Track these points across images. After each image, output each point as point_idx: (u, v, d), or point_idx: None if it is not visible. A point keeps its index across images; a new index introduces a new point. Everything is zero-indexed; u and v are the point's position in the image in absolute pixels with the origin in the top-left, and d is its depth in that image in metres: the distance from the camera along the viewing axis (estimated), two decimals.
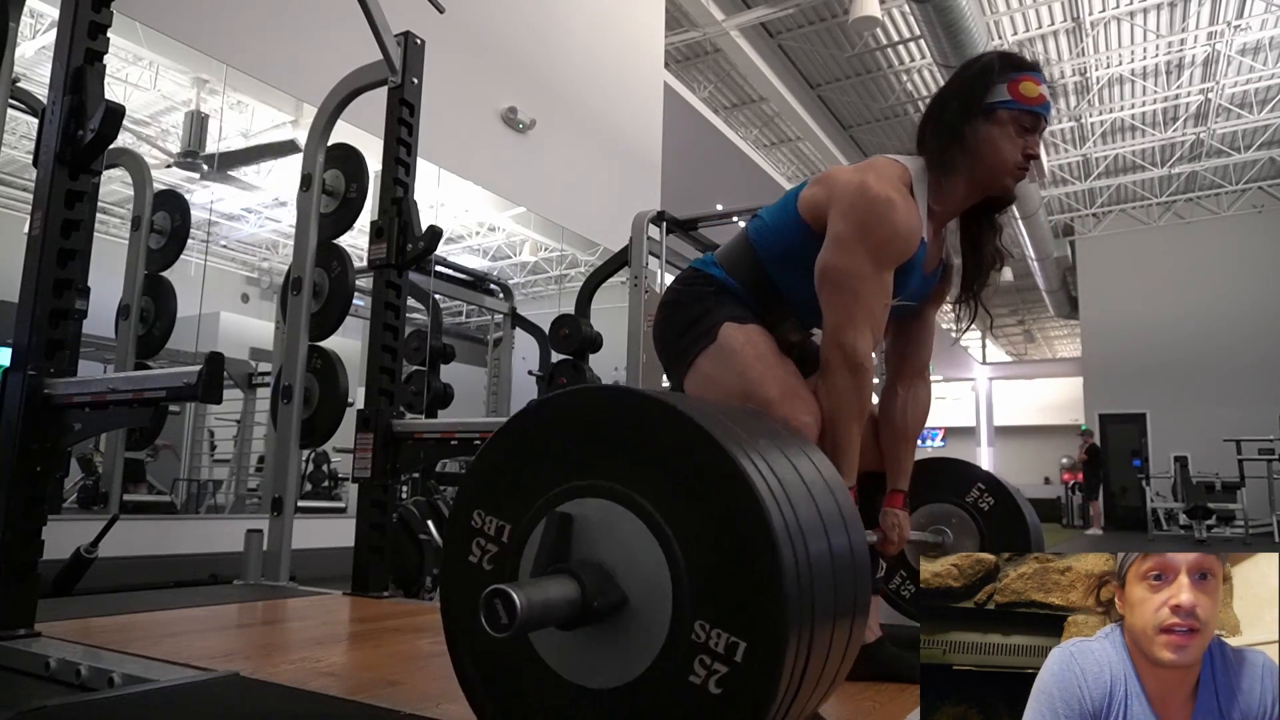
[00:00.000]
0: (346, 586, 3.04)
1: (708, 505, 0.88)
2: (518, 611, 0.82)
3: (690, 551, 0.87)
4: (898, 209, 1.45)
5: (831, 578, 0.90)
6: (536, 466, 1.00)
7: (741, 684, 0.82)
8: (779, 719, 0.84)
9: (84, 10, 2.18)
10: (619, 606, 0.90)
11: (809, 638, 0.85)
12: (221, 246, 10.07)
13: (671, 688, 0.86)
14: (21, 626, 1.95)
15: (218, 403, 2.07)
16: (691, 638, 0.85)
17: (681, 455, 0.90)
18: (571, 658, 0.94)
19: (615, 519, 0.92)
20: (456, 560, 1.05)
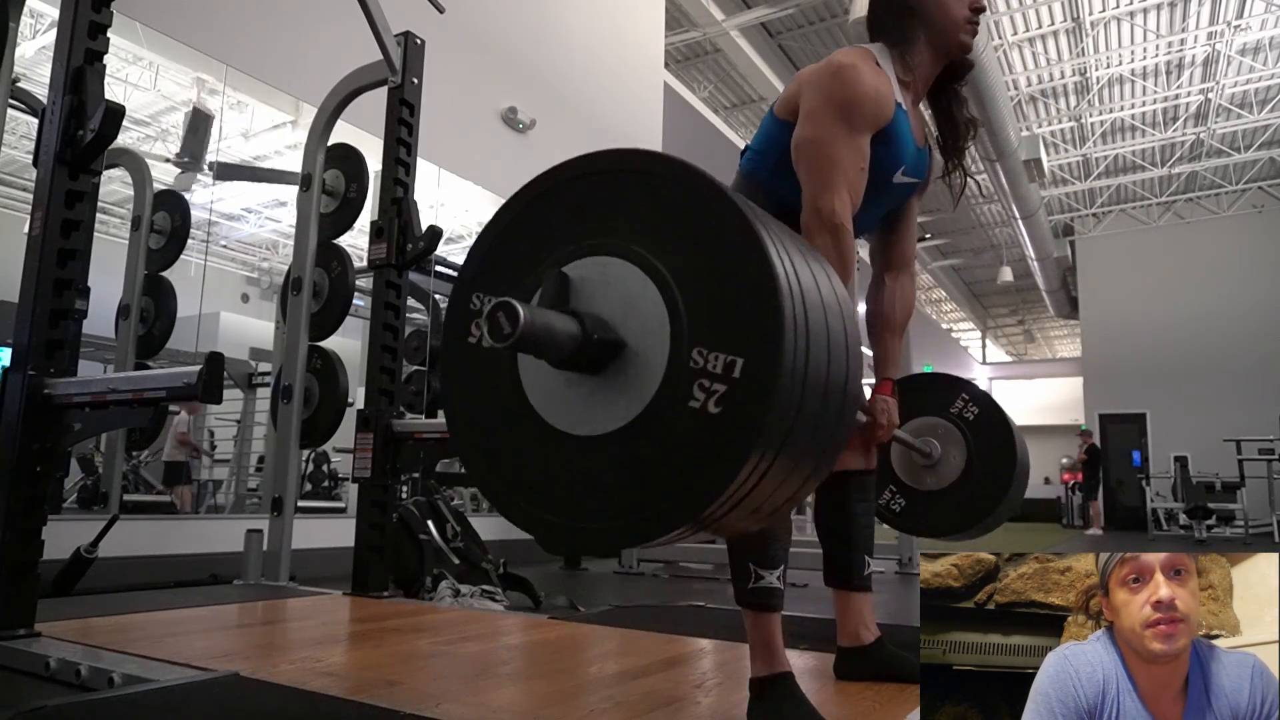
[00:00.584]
0: (346, 586, 3.04)
1: (702, 238, 0.90)
2: (521, 320, 0.84)
3: (686, 287, 0.90)
4: (861, 72, 1.50)
5: (824, 322, 0.92)
6: (528, 241, 1.03)
7: (740, 400, 0.84)
8: (775, 440, 0.85)
9: (84, 10, 2.18)
10: (617, 349, 0.92)
11: (804, 363, 0.86)
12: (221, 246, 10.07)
13: (671, 417, 0.88)
14: (21, 626, 1.95)
15: (218, 403, 2.07)
16: (690, 365, 0.87)
17: (676, 196, 0.93)
18: (572, 409, 0.95)
19: (610, 272, 0.95)
20: (456, 344, 1.06)
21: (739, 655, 1.98)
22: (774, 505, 0.96)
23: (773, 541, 1.43)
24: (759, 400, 0.83)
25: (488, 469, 1.01)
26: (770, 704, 1.37)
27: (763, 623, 1.42)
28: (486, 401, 1.02)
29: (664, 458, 0.88)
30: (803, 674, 1.49)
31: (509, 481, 0.99)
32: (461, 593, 3.22)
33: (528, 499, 0.97)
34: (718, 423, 0.85)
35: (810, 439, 0.91)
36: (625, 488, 0.91)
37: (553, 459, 0.96)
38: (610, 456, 0.92)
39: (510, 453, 1.00)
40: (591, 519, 0.92)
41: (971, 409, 2.14)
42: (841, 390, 0.94)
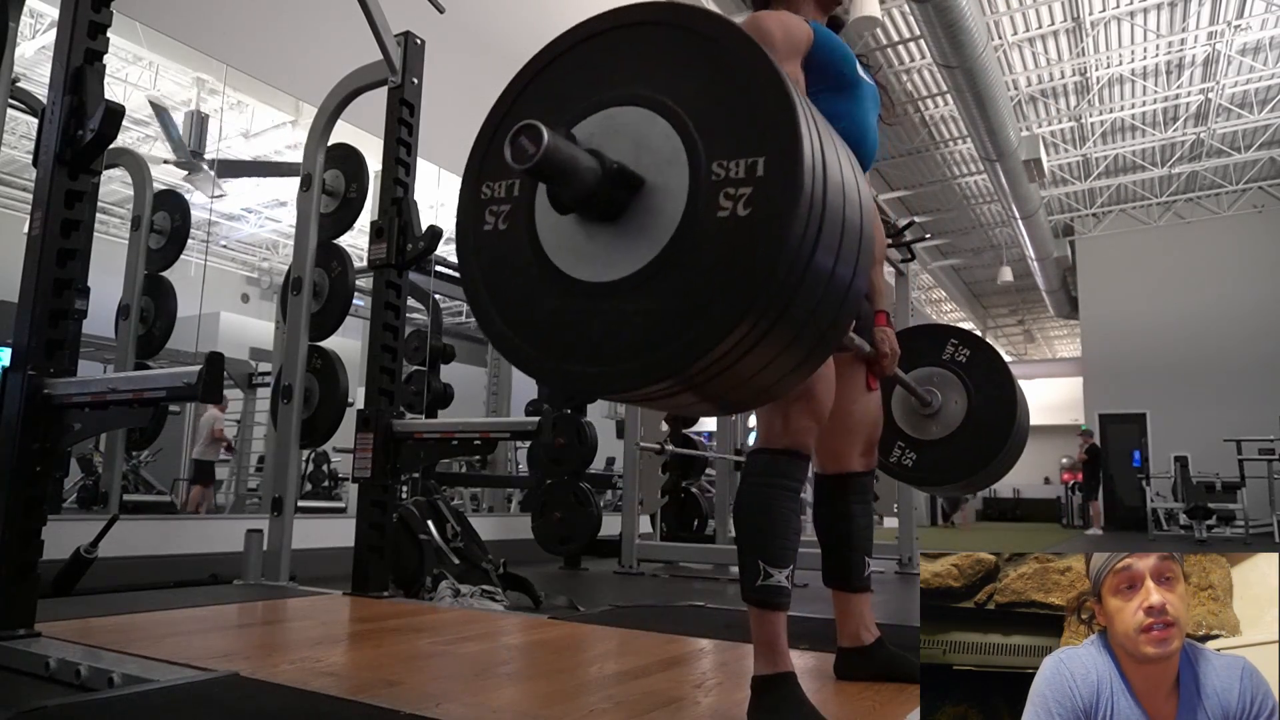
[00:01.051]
0: (346, 586, 3.04)
1: (708, 62, 0.93)
2: (544, 139, 0.85)
3: (697, 112, 0.92)
4: (763, 17, 1.58)
5: (834, 141, 0.94)
6: (530, 115, 1.04)
7: (767, 196, 0.86)
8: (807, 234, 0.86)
9: (84, 10, 2.18)
10: (636, 184, 0.93)
11: (822, 159, 0.88)
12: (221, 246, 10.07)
13: (703, 232, 0.89)
14: (21, 626, 1.95)
15: (217, 403, 2.07)
16: (712, 179, 0.89)
17: (676, 34, 0.96)
18: (596, 258, 0.96)
19: (616, 121, 0.97)
20: (473, 232, 1.07)
21: (739, 655, 1.98)
22: (771, 377, 0.97)
23: (783, 539, 1.43)
24: (788, 192, 0.84)
25: (519, 339, 1.01)
26: (771, 703, 1.37)
27: (768, 621, 1.42)
28: (511, 278, 1.03)
29: (694, 281, 0.89)
30: (803, 674, 1.49)
31: (537, 341, 0.99)
32: (461, 593, 3.22)
33: (557, 354, 0.97)
34: (748, 225, 0.86)
35: (830, 273, 0.92)
36: (653, 323, 0.90)
37: (582, 311, 0.96)
38: (640, 293, 0.92)
39: (540, 318, 1.00)
40: (617, 362, 0.92)
41: (963, 352, 2.18)
42: (857, 232, 0.95)
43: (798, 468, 1.47)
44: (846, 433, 1.72)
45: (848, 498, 1.73)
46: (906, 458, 2.23)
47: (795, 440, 1.46)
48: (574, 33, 1.04)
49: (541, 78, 1.05)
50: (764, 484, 1.45)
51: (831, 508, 1.74)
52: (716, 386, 0.94)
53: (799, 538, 1.47)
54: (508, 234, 1.03)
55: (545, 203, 1.00)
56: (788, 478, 1.45)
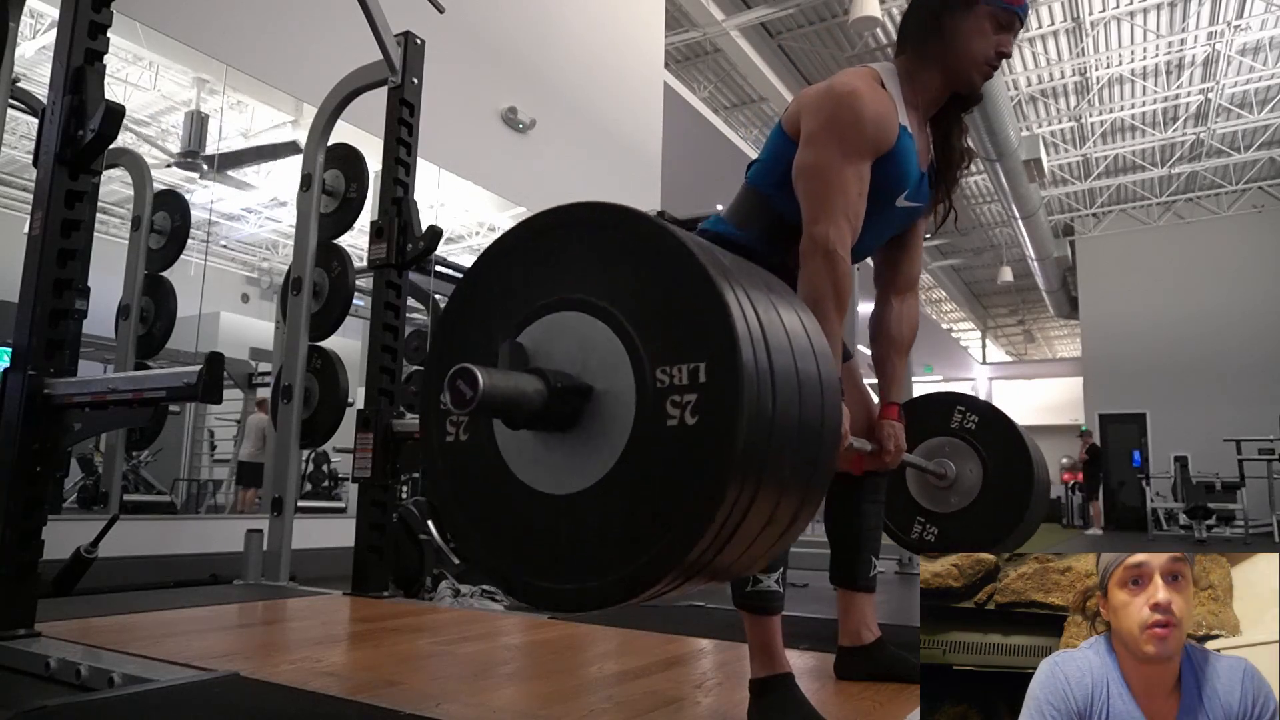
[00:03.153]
0: (346, 586, 3.04)
1: (642, 270, 0.93)
2: (480, 385, 0.86)
3: (636, 318, 0.92)
4: (862, 95, 1.47)
5: (782, 331, 0.93)
6: (477, 324, 1.05)
7: (711, 404, 0.85)
8: (756, 444, 0.86)
9: (84, 10, 2.18)
10: (585, 395, 0.94)
11: (768, 362, 0.88)
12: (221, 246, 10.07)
13: (655, 442, 0.89)
14: (21, 626, 1.95)
15: (218, 403, 2.07)
16: (657, 385, 0.89)
17: (612, 238, 0.96)
18: (556, 470, 0.96)
19: (566, 325, 0.97)
20: (437, 444, 1.07)
21: (739, 655, 1.98)
22: (764, 544, 0.96)
23: None
24: (729, 397, 0.84)
25: (490, 554, 1.01)
26: (770, 704, 1.37)
27: (761, 625, 1.42)
28: (477, 489, 1.03)
29: (653, 492, 0.88)
30: (803, 674, 1.49)
31: (513, 557, 0.99)
32: (461, 593, 3.22)
33: (533, 572, 0.97)
34: (697, 433, 0.86)
35: (792, 456, 0.91)
36: (620, 535, 0.90)
37: (548, 525, 0.96)
38: (602, 506, 0.92)
39: (508, 530, 1.00)
40: (590, 577, 0.92)
41: (971, 419, 2.13)
42: (818, 402, 0.94)
43: None
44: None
45: (860, 496, 1.72)
46: (928, 533, 2.18)
47: None
48: (515, 233, 1.05)
49: (482, 285, 1.06)
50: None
51: (843, 506, 1.73)
52: (714, 569, 0.94)
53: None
54: (470, 445, 1.03)
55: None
56: None
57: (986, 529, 2.09)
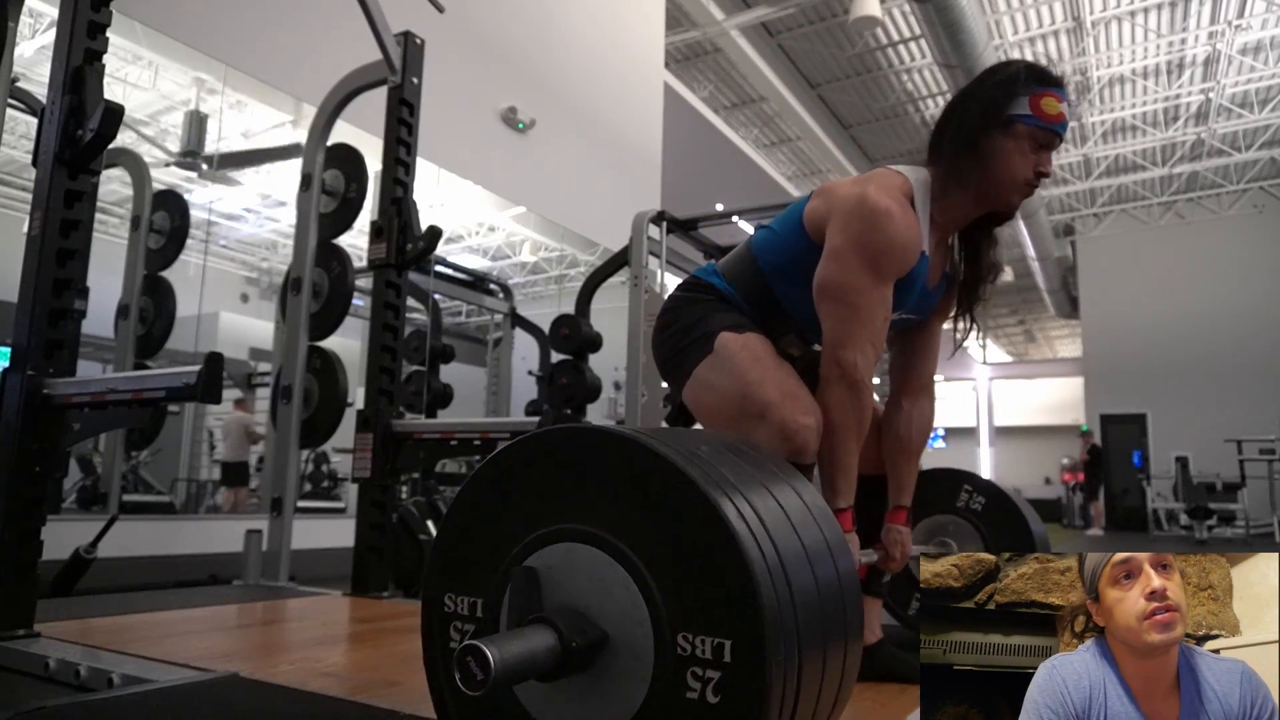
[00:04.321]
0: (346, 586, 3.04)
1: (662, 518, 0.87)
2: (491, 666, 0.80)
3: (659, 571, 0.87)
4: (895, 220, 1.42)
5: (812, 578, 0.89)
6: (492, 531, 1.00)
7: (736, 685, 0.82)
8: (784, 705, 0.83)
9: (83, 10, 2.18)
10: (600, 644, 0.89)
11: (794, 628, 0.84)
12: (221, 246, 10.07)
13: (671, 711, 0.85)
14: (21, 627, 1.95)
15: (217, 403, 2.07)
16: (678, 652, 0.85)
17: (633, 479, 0.90)
18: (567, 711, 0.92)
19: (579, 559, 0.92)
20: (439, 649, 1.04)
21: None
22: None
23: None
24: (756, 684, 0.80)
25: None
26: None
27: None
28: (485, 711, 0.99)
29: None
30: None
31: None
32: None
33: None
34: (721, 713, 0.82)
35: (820, 695, 0.89)
36: None
37: None
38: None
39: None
40: None
41: (978, 500, 2.10)
42: (842, 643, 0.91)
43: None
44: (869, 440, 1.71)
45: (885, 499, 1.72)
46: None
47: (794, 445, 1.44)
48: (540, 441, 0.99)
49: (500, 487, 1.01)
50: None
51: (867, 509, 1.72)
52: None
53: None
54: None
55: None
56: None
57: None
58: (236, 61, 5.02)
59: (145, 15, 4.53)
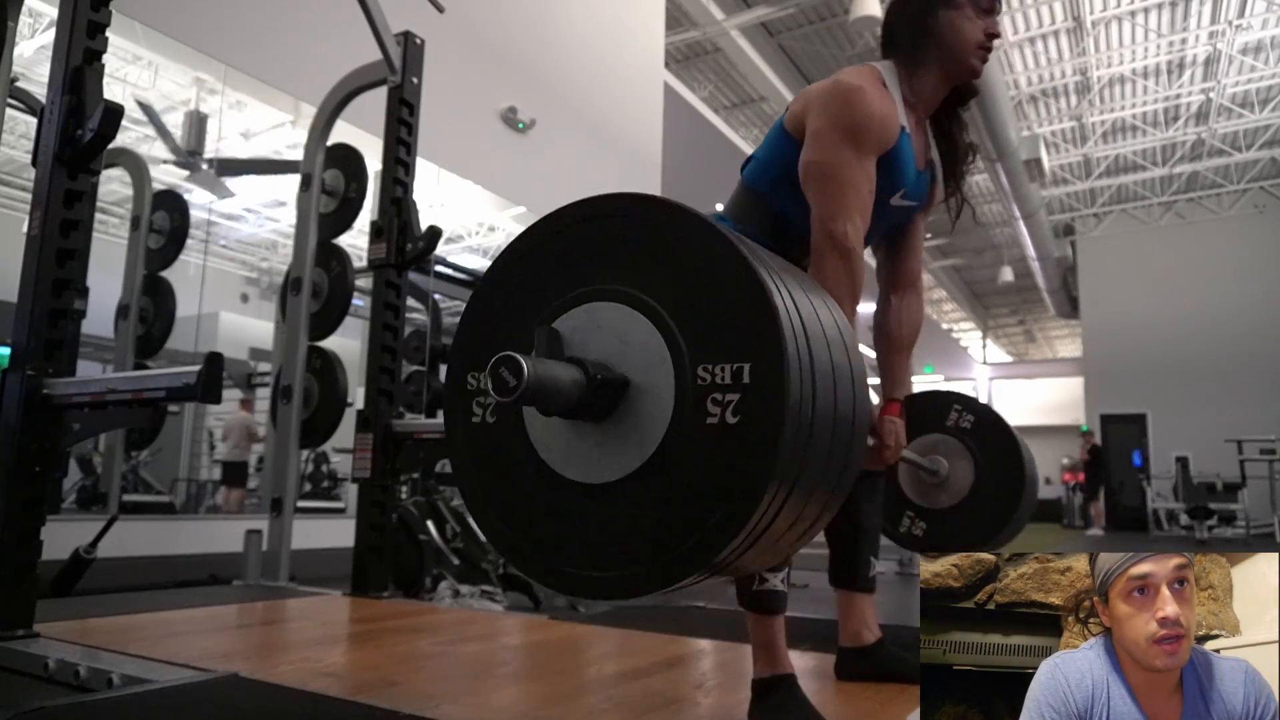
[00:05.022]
0: (346, 586, 3.04)
1: (687, 265, 0.92)
2: (525, 372, 0.85)
3: (678, 313, 0.91)
4: (869, 94, 1.49)
5: (823, 335, 0.93)
6: (512, 309, 1.03)
7: (754, 404, 0.85)
8: (797, 446, 0.85)
9: (83, 10, 2.18)
10: (622, 387, 0.93)
11: (809, 361, 0.88)
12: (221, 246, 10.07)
13: (693, 438, 0.88)
14: (20, 627, 1.95)
15: (217, 403, 2.07)
16: (698, 383, 0.89)
17: (654, 231, 0.95)
18: (588, 459, 0.95)
19: (601, 317, 0.96)
20: (463, 425, 1.06)
21: (739, 655, 1.98)
22: (788, 541, 0.96)
23: None
24: (774, 401, 0.84)
25: (515, 537, 1.00)
26: (771, 705, 1.37)
27: (765, 625, 1.42)
28: (503, 473, 1.02)
29: (689, 487, 0.88)
30: (804, 674, 1.49)
31: (535, 541, 0.98)
32: (461, 593, 3.21)
33: (556, 558, 0.96)
34: (738, 433, 0.85)
35: (827, 455, 0.91)
36: (653, 529, 0.89)
37: (576, 513, 0.95)
38: (635, 498, 0.91)
39: (533, 515, 0.99)
40: (617, 568, 0.91)
41: (967, 418, 2.15)
42: (851, 408, 0.94)
43: None
44: None
45: (858, 497, 1.72)
46: (916, 527, 2.20)
47: None
48: (556, 218, 1.04)
49: (522, 265, 1.05)
50: None
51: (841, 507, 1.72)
52: (740, 567, 0.94)
53: None
54: (497, 427, 1.02)
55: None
56: None
57: (974, 529, 2.13)
58: (236, 61, 5.01)
59: (145, 15, 4.53)
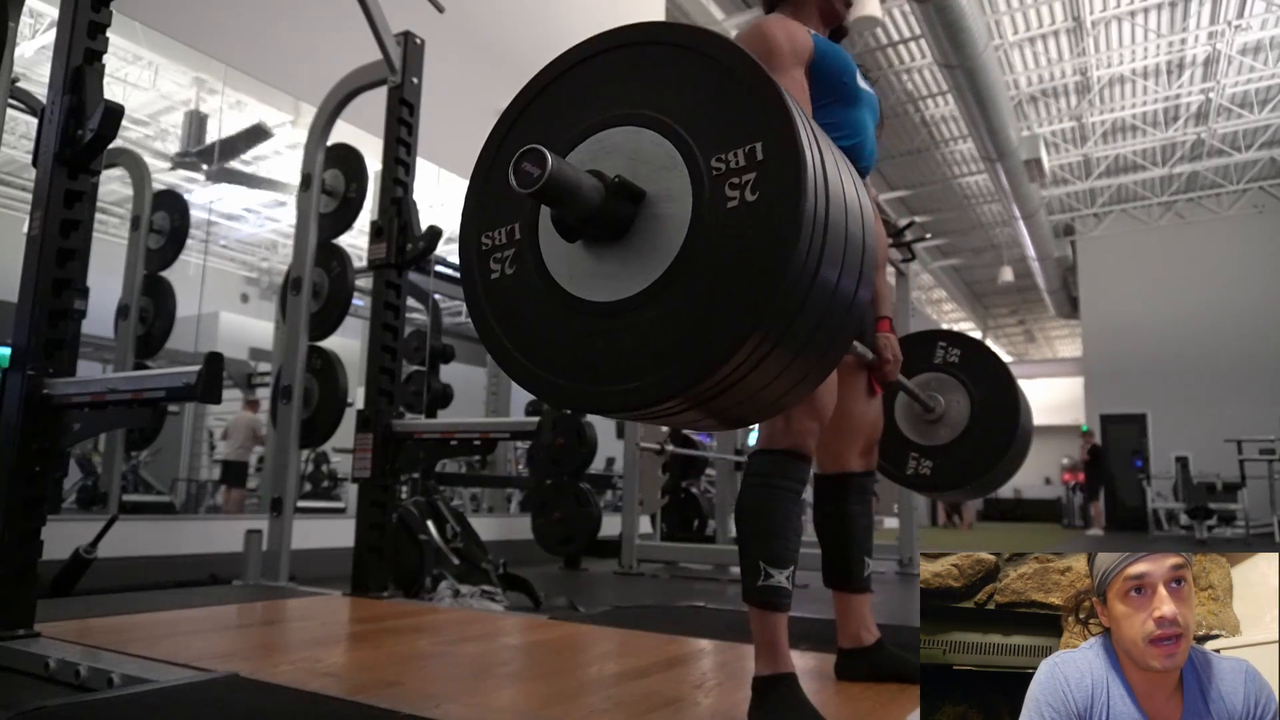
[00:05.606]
0: (346, 586, 3.04)
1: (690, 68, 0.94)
2: (548, 162, 0.86)
3: (682, 116, 0.93)
4: (766, 24, 1.60)
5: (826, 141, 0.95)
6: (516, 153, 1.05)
7: (771, 176, 0.87)
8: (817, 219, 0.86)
9: (83, 10, 2.18)
10: (638, 198, 0.94)
11: (818, 147, 0.89)
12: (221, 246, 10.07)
13: (717, 227, 0.89)
14: (21, 627, 1.95)
15: (217, 403, 2.07)
16: (714, 174, 0.90)
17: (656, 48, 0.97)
18: (611, 279, 0.96)
19: (605, 143, 0.98)
20: (482, 282, 1.07)
21: (739, 655, 1.98)
22: (776, 392, 0.97)
23: (784, 540, 1.43)
24: (790, 168, 0.85)
25: (542, 371, 1.00)
26: (772, 704, 1.37)
27: (769, 622, 1.42)
28: (527, 316, 1.03)
29: (721, 272, 0.88)
30: (804, 674, 1.49)
31: (564, 370, 0.99)
32: (461, 593, 3.21)
33: (586, 378, 0.97)
34: (759, 207, 0.87)
35: (823, 310, 0.92)
36: (689, 321, 0.90)
37: (606, 331, 0.95)
38: (667, 299, 0.92)
39: (559, 346, 0.99)
40: (632, 379, 0.92)
41: (953, 352, 2.20)
42: (859, 242, 0.95)
43: (799, 469, 1.47)
44: (847, 434, 1.72)
45: (847, 498, 1.73)
46: (923, 466, 2.23)
47: (797, 441, 1.46)
48: (547, 72, 1.07)
49: (523, 119, 1.07)
50: (765, 485, 1.45)
51: (831, 508, 1.74)
52: (723, 402, 0.94)
53: (800, 539, 1.47)
54: (516, 276, 1.04)
55: (550, 235, 1.00)
56: (789, 479, 1.45)
57: (978, 459, 2.17)
58: (236, 61, 5.02)
59: (145, 15, 4.53)
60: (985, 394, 2.16)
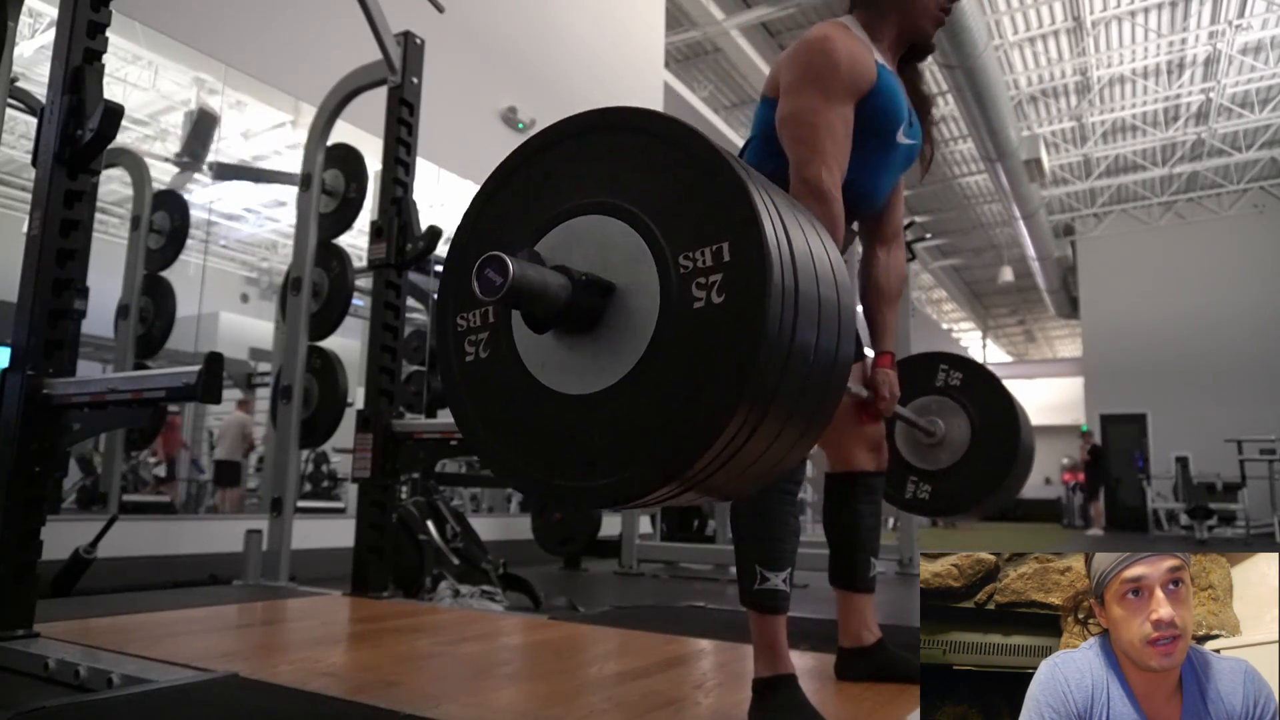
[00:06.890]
0: (346, 587, 3.04)
1: (658, 163, 0.94)
2: (510, 270, 0.86)
3: (653, 210, 0.93)
4: (835, 39, 1.50)
5: (796, 222, 0.94)
6: (489, 245, 1.03)
7: (738, 280, 0.86)
8: (783, 322, 0.86)
9: (83, 10, 2.18)
10: (607, 291, 0.94)
11: (786, 238, 0.89)
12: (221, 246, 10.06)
13: (683, 326, 0.89)
14: (20, 627, 1.95)
15: (217, 403, 2.07)
16: (681, 272, 0.90)
17: (626, 140, 0.97)
18: (583, 371, 0.95)
19: (575, 231, 0.98)
20: (458, 365, 1.07)
21: (739, 655, 1.98)
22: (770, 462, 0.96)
23: (780, 543, 1.43)
24: (756, 272, 0.85)
25: (515, 459, 1.00)
26: (772, 705, 1.37)
27: (767, 624, 1.42)
28: (501, 402, 1.02)
29: (686, 372, 0.88)
30: (804, 674, 1.49)
31: (535, 459, 0.99)
32: (461, 593, 3.21)
33: (558, 473, 0.96)
34: (726, 310, 0.86)
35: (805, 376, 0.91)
36: (654, 420, 0.90)
37: (576, 424, 0.95)
38: (633, 397, 0.92)
39: (532, 436, 0.99)
40: (617, 472, 0.92)
41: (955, 375, 2.18)
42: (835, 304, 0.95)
43: (795, 471, 1.47)
44: (854, 434, 1.72)
45: (856, 497, 1.72)
46: (922, 491, 2.21)
47: None
48: (520, 151, 1.06)
49: (496, 199, 1.07)
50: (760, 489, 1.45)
51: (840, 507, 1.73)
52: (718, 481, 0.94)
53: (797, 541, 1.47)
54: (491, 360, 1.04)
55: (522, 323, 1.00)
56: (784, 481, 1.45)
57: (977, 483, 2.14)
58: (236, 61, 5.02)
59: (145, 15, 4.53)
60: (985, 419, 2.13)
